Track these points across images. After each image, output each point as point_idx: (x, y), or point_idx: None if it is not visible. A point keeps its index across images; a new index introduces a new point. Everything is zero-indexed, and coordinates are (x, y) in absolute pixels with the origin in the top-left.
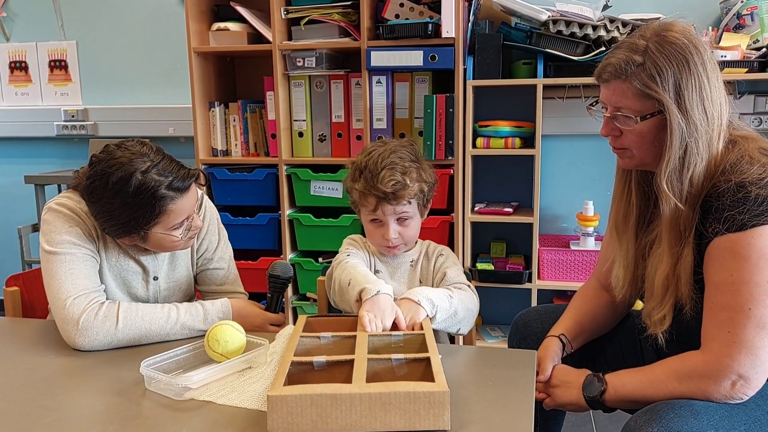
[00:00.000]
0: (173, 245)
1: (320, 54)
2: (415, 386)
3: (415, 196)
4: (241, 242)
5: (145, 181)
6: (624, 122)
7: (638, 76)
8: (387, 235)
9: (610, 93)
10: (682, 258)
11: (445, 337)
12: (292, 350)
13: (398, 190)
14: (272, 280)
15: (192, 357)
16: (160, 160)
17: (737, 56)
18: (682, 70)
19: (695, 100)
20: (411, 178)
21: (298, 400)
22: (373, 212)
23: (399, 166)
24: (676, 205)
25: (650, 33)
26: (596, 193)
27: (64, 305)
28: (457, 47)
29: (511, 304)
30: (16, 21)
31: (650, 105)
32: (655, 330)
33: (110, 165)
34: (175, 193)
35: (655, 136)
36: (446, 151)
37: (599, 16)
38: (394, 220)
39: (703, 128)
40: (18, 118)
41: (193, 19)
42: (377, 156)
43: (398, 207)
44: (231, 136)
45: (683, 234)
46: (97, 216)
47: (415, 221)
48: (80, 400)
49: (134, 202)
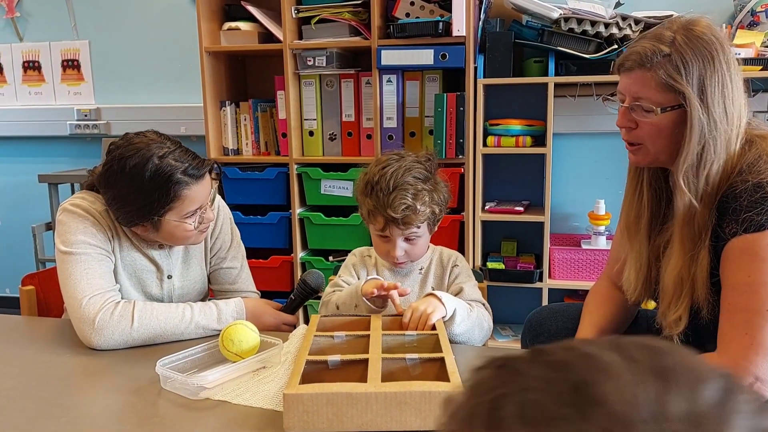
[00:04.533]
0: (185, 236)
1: (331, 53)
2: (431, 386)
3: (426, 220)
4: (251, 241)
5: (162, 165)
6: (642, 114)
7: (664, 66)
8: (393, 252)
9: (631, 82)
10: (699, 260)
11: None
12: (306, 349)
13: (408, 215)
14: (302, 285)
15: (206, 356)
16: (176, 148)
17: (751, 54)
18: (707, 66)
19: (717, 97)
20: (423, 201)
21: (314, 399)
22: (381, 229)
23: (411, 189)
24: (690, 202)
25: (677, 26)
26: (608, 192)
27: (80, 305)
28: (468, 46)
29: (521, 303)
30: (29, 21)
31: (672, 97)
32: (671, 331)
33: (128, 150)
34: (190, 179)
35: (672, 130)
36: (457, 150)
37: (611, 13)
38: (402, 239)
39: (722, 127)
40: (31, 118)
41: (205, 18)
42: (390, 174)
43: (407, 230)
44: (242, 135)
45: (699, 235)
46: (111, 203)
47: (424, 239)
48: (97, 399)
49: (150, 187)
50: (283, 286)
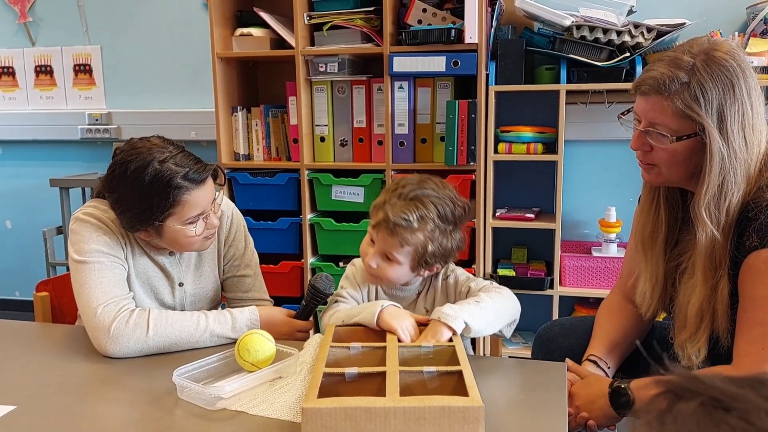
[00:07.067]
0: (188, 242)
1: (342, 59)
2: (450, 401)
3: (414, 248)
4: (262, 246)
5: (161, 170)
6: (657, 139)
7: (681, 95)
8: (367, 258)
9: (648, 107)
10: (719, 291)
11: (470, 347)
12: (323, 361)
13: (400, 227)
14: (311, 291)
15: (222, 366)
16: (178, 153)
17: (764, 62)
18: (727, 95)
19: (737, 127)
20: (423, 231)
21: (332, 413)
22: (372, 227)
23: (423, 212)
24: (713, 234)
25: (698, 49)
26: (619, 199)
27: (95, 313)
28: (480, 53)
29: (532, 310)
30: (41, 26)
31: (688, 126)
32: (690, 363)
33: (130, 154)
34: (191, 183)
35: (687, 157)
36: (468, 157)
37: (623, 21)
38: (381, 252)
39: (742, 156)
40: (43, 122)
41: (217, 24)
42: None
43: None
44: (253, 140)
45: (720, 264)
46: (114, 207)
47: (401, 270)
48: (114, 409)
49: (150, 191)
50: (293, 292)
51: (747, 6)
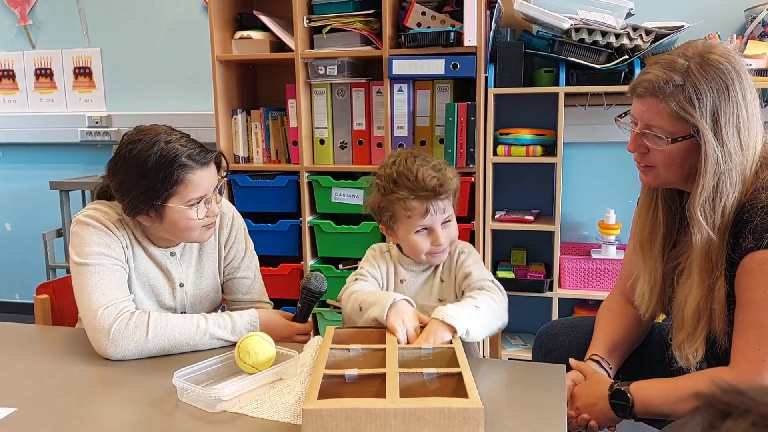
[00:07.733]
0: (189, 225)
1: (342, 62)
2: (450, 402)
3: (454, 192)
4: (262, 248)
5: (167, 149)
6: (653, 141)
7: (676, 97)
8: (438, 240)
9: (644, 109)
10: (715, 291)
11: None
12: (323, 362)
13: (443, 183)
14: (304, 292)
15: (222, 368)
16: (183, 136)
17: (762, 65)
18: (722, 97)
19: (731, 129)
20: (447, 170)
21: (332, 414)
22: (422, 218)
23: (430, 164)
24: (708, 235)
25: (692, 53)
26: (618, 201)
27: (95, 315)
28: (479, 55)
29: (531, 312)
30: (41, 28)
31: (683, 128)
32: (688, 363)
33: (136, 136)
34: (195, 163)
35: (683, 158)
36: (467, 159)
37: (622, 24)
38: (441, 223)
39: (737, 158)
40: (43, 124)
41: (217, 27)
42: (403, 162)
43: (445, 203)
44: (253, 143)
45: (716, 265)
46: (117, 189)
47: (454, 221)
48: (115, 411)
49: (154, 168)
50: (292, 294)
51: (745, 8)
